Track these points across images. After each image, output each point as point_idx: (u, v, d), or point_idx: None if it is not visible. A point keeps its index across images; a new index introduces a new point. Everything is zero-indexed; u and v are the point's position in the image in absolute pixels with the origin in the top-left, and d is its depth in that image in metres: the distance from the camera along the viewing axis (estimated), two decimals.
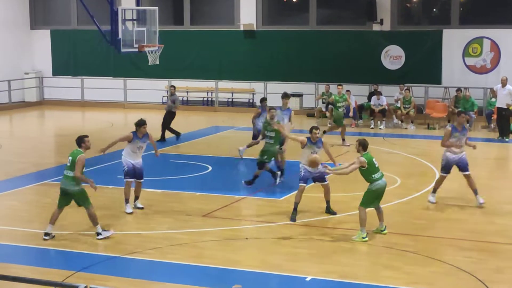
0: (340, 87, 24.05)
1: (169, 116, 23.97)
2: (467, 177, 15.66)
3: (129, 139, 15.12)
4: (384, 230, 13.59)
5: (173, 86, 25.00)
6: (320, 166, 14.48)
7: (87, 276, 11.35)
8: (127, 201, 15.23)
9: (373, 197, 13.32)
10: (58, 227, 14.05)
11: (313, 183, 15.21)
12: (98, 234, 13.31)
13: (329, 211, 14.97)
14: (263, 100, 21.18)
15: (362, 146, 13.43)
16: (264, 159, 17.14)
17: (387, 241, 13.15)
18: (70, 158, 13.27)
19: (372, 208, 13.56)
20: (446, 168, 15.73)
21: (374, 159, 13.36)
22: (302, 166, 14.67)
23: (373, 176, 13.22)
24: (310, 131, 14.69)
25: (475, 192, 15.63)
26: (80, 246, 12.96)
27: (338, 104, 23.20)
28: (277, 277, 11.45)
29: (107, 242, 13.13)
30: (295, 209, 14.58)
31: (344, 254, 12.52)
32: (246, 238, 13.44)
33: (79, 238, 13.44)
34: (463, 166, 15.60)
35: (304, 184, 14.67)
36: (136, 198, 15.49)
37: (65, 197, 13.32)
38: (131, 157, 15.16)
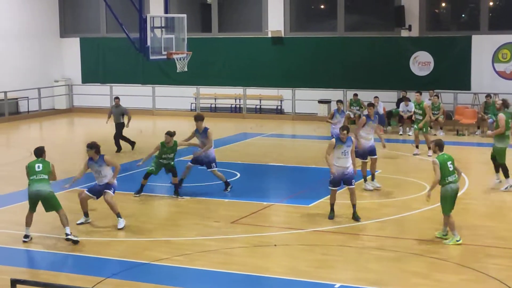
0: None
1: (120, 127, 23.17)
2: (373, 161, 17.48)
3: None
4: (446, 235, 13.48)
5: (117, 97, 23.82)
6: (350, 168, 14.72)
7: (116, 283, 11.42)
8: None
9: (449, 202, 13.26)
10: (88, 233, 14.17)
11: (339, 191, 15.19)
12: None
13: (354, 216, 14.97)
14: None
15: (438, 146, 13.50)
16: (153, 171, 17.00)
17: (416, 248, 13.08)
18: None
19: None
20: (361, 155, 17.30)
21: (449, 162, 13.21)
22: (333, 167, 14.81)
23: (445, 178, 13.14)
24: (339, 132, 14.95)
25: (372, 176, 17.42)
26: (110, 252, 13.03)
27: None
28: (306, 284, 11.42)
29: (136, 249, 13.19)
30: (332, 209, 14.97)
31: (373, 261, 12.47)
32: (275, 245, 13.43)
33: (109, 244, 13.52)
34: (372, 150, 17.43)
35: (335, 188, 14.86)
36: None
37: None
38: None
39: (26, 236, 13.75)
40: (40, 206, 13.77)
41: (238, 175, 19.54)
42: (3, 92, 31.35)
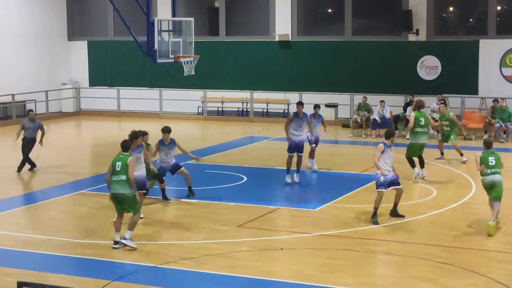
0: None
1: (32, 143, 21.04)
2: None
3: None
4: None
5: (32, 110, 22.09)
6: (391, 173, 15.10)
7: (123, 286, 11.43)
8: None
9: (486, 189, 14.63)
10: (94, 236, 14.18)
11: (346, 195, 15.16)
12: (125, 239, 13.37)
13: (396, 214, 15.27)
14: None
15: (485, 144, 14.96)
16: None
17: (423, 252, 13.05)
18: (120, 163, 13.39)
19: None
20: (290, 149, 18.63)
21: (490, 158, 14.51)
22: (383, 170, 14.99)
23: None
24: (388, 137, 15.17)
25: (298, 170, 18.68)
26: (116, 255, 13.04)
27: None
28: None
29: (142, 252, 13.20)
30: (375, 213, 15.00)
31: (380, 266, 12.46)
32: (281, 249, 13.42)
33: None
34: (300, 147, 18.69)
35: (384, 190, 15.00)
36: None
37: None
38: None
39: (116, 243, 13.44)
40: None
41: (245, 178, 19.55)
42: (11, 95, 31.43)
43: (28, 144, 20.85)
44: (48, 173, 20.57)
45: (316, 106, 20.97)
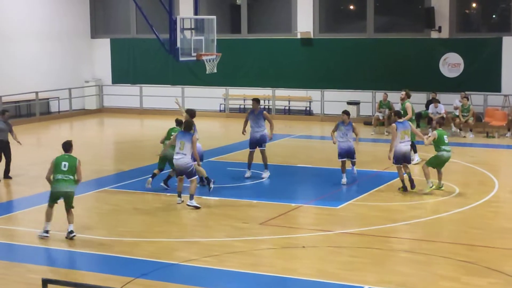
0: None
1: (3, 146, 19.56)
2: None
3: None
4: (441, 187, 17.31)
5: (7, 111, 20.52)
6: None
7: (146, 283, 11.51)
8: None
9: (436, 162, 17.28)
10: (118, 233, 14.29)
11: (368, 193, 15.14)
12: (71, 232, 13.95)
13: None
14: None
15: (438, 123, 17.82)
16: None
17: (445, 250, 13.03)
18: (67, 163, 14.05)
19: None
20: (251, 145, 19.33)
21: (445, 136, 17.24)
22: None
23: (440, 147, 17.21)
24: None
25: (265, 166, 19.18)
26: (139, 252, 13.13)
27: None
28: (334, 286, 11.42)
29: (165, 249, 13.28)
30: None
31: (402, 263, 12.46)
32: (303, 247, 13.45)
33: (138, 244, 13.62)
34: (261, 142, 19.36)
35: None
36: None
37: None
38: None
39: (46, 232, 14.10)
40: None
41: (267, 176, 19.56)
42: (35, 92, 31.65)
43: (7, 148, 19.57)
44: None
45: (345, 113, 18.90)
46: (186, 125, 16.70)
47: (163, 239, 13.93)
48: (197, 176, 16.62)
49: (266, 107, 32.57)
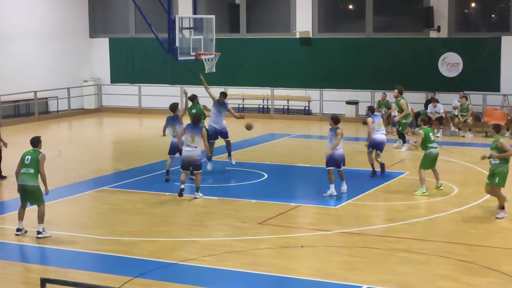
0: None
1: None
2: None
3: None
4: (440, 186, 17.40)
5: None
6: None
7: (145, 282, 11.50)
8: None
9: (428, 162, 17.21)
10: (117, 233, 14.28)
11: (367, 192, 15.13)
12: (39, 232, 13.89)
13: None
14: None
15: (423, 121, 17.83)
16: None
17: (443, 250, 13.03)
18: (30, 157, 13.94)
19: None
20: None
21: (430, 133, 17.34)
22: None
23: (427, 145, 17.14)
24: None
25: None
26: (138, 252, 13.11)
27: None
28: (333, 286, 11.42)
29: (164, 249, 13.27)
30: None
31: (400, 263, 12.45)
32: (302, 246, 13.45)
33: (138, 244, 13.61)
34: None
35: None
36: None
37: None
38: None
39: (18, 230, 14.16)
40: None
41: (266, 175, 19.57)
42: (33, 91, 31.64)
43: None
44: (69, 170, 20.69)
45: (331, 117, 17.44)
46: (194, 118, 17.14)
47: (162, 239, 13.92)
48: (201, 170, 17.07)
49: (265, 106, 32.58)
